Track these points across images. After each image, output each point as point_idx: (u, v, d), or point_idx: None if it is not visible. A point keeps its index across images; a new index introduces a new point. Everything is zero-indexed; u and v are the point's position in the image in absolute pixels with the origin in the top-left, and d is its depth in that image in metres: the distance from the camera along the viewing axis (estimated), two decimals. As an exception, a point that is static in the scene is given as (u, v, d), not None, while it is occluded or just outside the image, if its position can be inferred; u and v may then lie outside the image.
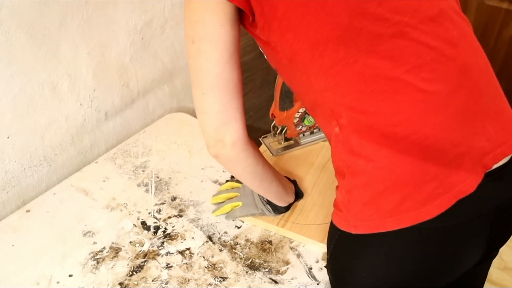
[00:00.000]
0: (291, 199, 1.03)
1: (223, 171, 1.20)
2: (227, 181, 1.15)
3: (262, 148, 1.25)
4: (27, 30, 1.01)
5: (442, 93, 0.69)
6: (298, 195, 1.06)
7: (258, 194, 1.02)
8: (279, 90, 1.11)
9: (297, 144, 1.24)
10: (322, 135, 1.23)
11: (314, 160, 1.19)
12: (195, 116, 1.43)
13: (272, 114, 1.15)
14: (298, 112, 1.16)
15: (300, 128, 1.20)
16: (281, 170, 1.13)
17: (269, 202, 1.01)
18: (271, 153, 1.22)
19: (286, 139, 1.23)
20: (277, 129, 1.21)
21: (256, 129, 1.79)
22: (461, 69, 0.70)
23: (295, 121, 1.17)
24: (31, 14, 1.01)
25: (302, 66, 0.72)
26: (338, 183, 0.78)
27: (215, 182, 1.17)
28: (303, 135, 1.23)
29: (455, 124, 0.69)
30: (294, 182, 1.07)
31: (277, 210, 1.02)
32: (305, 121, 1.19)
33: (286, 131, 1.20)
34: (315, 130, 1.23)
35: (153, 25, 1.30)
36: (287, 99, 1.13)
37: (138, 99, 1.37)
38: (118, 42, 1.23)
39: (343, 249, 0.79)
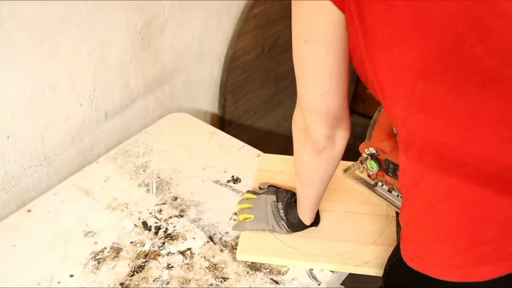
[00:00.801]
0: (311, 221, 1.00)
1: (224, 171, 1.20)
2: (229, 181, 1.15)
3: (348, 163, 1.16)
4: (27, 30, 1.01)
5: None
6: (316, 220, 1.01)
7: (273, 210, 0.99)
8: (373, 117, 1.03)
9: (370, 187, 1.10)
10: (396, 201, 1.06)
11: (335, 189, 1.07)
12: (195, 116, 1.43)
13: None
14: (368, 149, 1.03)
15: (364, 167, 1.07)
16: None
17: (286, 219, 0.98)
18: (345, 169, 1.15)
19: (369, 176, 1.09)
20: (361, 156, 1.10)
21: (256, 129, 1.79)
22: None
23: (364, 155, 1.05)
24: (31, 14, 1.01)
25: (378, 85, 0.70)
26: (401, 211, 0.77)
27: (216, 182, 1.17)
28: (382, 185, 1.09)
29: None
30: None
31: (293, 227, 0.98)
32: (367, 163, 1.04)
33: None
34: (394, 192, 1.07)
35: (153, 25, 1.30)
36: (369, 131, 1.04)
37: (138, 99, 1.36)
38: (118, 42, 1.23)
39: (400, 270, 0.78)
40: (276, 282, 0.93)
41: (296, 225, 0.98)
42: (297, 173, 0.90)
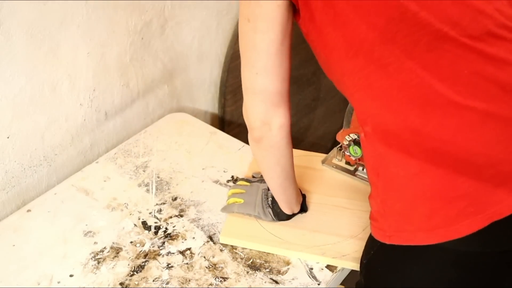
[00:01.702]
0: (296, 210, 1.02)
1: (224, 171, 1.20)
2: (230, 181, 1.15)
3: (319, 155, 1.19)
4: (27, 30, 1.01)
5: (479, 108, 0.66)
6: (303, 208, 1.04)
7: (262, 197, 1.01)
8: (348, 106, 1.06)
9: (352, 173, 1.14)
10: None
11: (326, 183, 1.12)
12: (195, 116, 1.43)
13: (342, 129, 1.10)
14: (349, 136, 1.07)
15: (347, 153, 1.10)
16: (305, 181, 1.11)
17: (272, 207, 1.00)
18: (323, 160, 1.17)
19: (347, 162, 1.14)
20: (338, 144, 1.14)
21: (256, 129, 1.79)
22: (504, 86, 0.66)
23: (344, 143, 1.09)
24: (31, 14, 1.01)
25: (337, 63, 0.72)
26: (371, 192, 0.78)
27: (216, 182, 1.17)
28: (363, 169, 1.12)
29: (494, 142, 0.66)
30: (303, 196, 1.06)
31: (278, 216, 1.01)
32: (351, 149, 1.08)
33: (343, 151, 1.12)
34: None
35: (153, 25, 1.30)
36: (347, 118, 1.07)
37: (138, 99, 1.36)
38: (118, 42, 1.23)
39: (382, 261, 0.79)
40: (276, 282, 0.93)
41: (280, 214, 1.01)
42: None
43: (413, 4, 0.65)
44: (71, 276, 0.95)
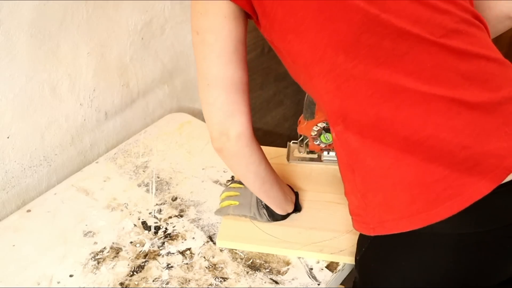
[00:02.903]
0: (290, 209, 1.02)
1: (224, 171, 1.19)
2: (230, 181, 1.15)
3: (281, 152, 1.22)
4: (27, 30, 1.01)
5: (444, 96, 0.69)
6: (297, 207, 1.04)
7: (257, 199, 1.01)
8: (306, 97, 1.08)
9: (319, 159, 1.18)
10: None
11: (317, 179, 1.13)
12: (195, 116, 1.43)
13: (300, 120, 1.12)
14: (317, 126, 1.09)
15: (318, 143, 1.13)
16: (288, 179, 1.12)
17: (267, 208, 1.00)
18: (287, 158, 1.19)
19: (310, 152, 1.17)
20: (300, 137, 1.16)
21: (256, 129, 1.78)
22: (465, 74, 0.70)
23: (313, 134, 1.11)
24: (31, 14, 1.01)
25: (304, 67, 0.73)
26: (347, 188, 0.78)
27: (216, 182, 1.17)
28: (328, 153, 1.16)
29: (461, 126, 0.69)
30: (296, 194, 1.06)
31: (273, 217, 1.01)
32: (322, 137, 1.10)
33: (307, 142, 1.15)
34: None
35: (153, 25, 1.30)
36: (309, 109, 1.08)
37: (138, 99, 1.37)
38: (118, 42, 1.23)
39: (373, 256, 0.79)
40: (276, 282, 0.93)
41: (275, 214, 1.01)
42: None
43: (372, 7, 0.67)
44: (71, 276, 0.95)
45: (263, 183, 0.92)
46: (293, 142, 1.22)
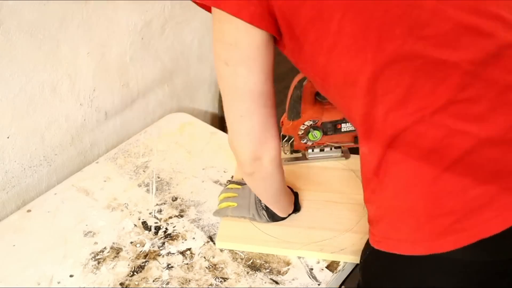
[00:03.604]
0: (291, 211, 1.02)
1: (224, 171, 1.19)
2: (228, 181, 1.15)
3: None
4: (27, 30, 1.01)
5: (472, 133, 0.65)
6: (296, 207, 1.04)
7: (255, 199, 1.01)
8: (289, 98, 1.08)
9: (304, 158, 1.18)
10: (332, 154, 1.17)
11: (316, 179, 1.13)
12: (195, 116, 1.43)
13: (282, 121, 1.12)
14: (304, 124, 1.10)
15: (305, 141, 1.13)
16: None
17: (266, 209, 1.00)
18: None
19: (294, 151, 1.17)
20: (284, 137, 1.15)
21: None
22: (502, 90, 0.65)
23: (300, 133, 1.12)
24: (31, 14, 1.01)
25: (334, 87, 0.71)
26: (367, 197, 0.78)
27: (216, 182, 1.17)
28: (312, 150, 1.17)
29: (480, 161, 0.66)
30: (295, 194, 1.06)
31: (273, 217, 1.01)
32: (310, 135, 1.11)
33: (292, 142, 1.15)
34: (326, 149, 1.17)
35: (153, 25, 1.30)
36: (295, 109, 1.08)
37: (138, 99, 1.36)
38: (118, 42, 1.23)
39: (375, 263, 0.79)
40: (276, 282, 0.93)
41: (276, 216, 1.01)
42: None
43: (409, 35, 0.63)
44: (71, 276, 0.95)
45: (279, 195, 0.93)
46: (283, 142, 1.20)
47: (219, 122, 1.66)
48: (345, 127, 1.11)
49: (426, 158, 0.68)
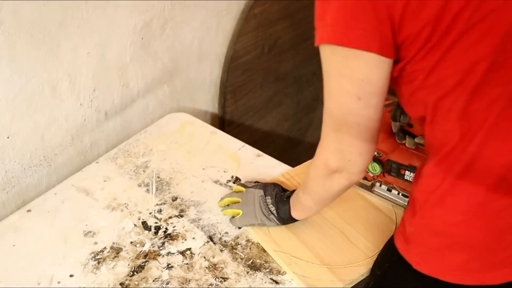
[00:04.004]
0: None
1: (224, 171, 1.20)
2: (229, 181, 1.15)
3: None
4: (27, 30, 1.01)
5: None
6: None
7: (261, 205, 1.00)
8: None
9: (369, 188, 1.10)
10: (397, 199, 1.06)
11: (355, 205, 1.07)
12: (195, 116, 1.43)
13: None
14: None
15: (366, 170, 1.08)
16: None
17: (276, 213, 0.98)
18: None
19: (365, 178, 1.10)
20: None
21: (256, 129, 1.79)
22: None
23: None
24: (31, 14, 1.01)
25: (432, 85, 0.68)
26: (410, 210, 0.77)
27: (216, 182, 1.17)
28: (380, 185, 1.08)
29: None
30: None
31: (284, 221, 0.99)
32: (370, 166, 1.04)
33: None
34: (394, 191, 1.06)
35: (153, 25, 1.30)
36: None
37: (138, 99, 1.37)
38: (118, 42, 1.23)
39: (397, 275, 0.78)
40: (276, 282, 0.93)
41: (287, 220, 0.99)
42: (311, 194, 0.89)
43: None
44: (71, 276, 0.95)
45: (321, 204, 0.92)
46: None
47: (219, 122, 1.66)
48: (408, 175, 1.01)
49: (494, 189, 0.66)
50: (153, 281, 0.94)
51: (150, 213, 1.08)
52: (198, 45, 1.47)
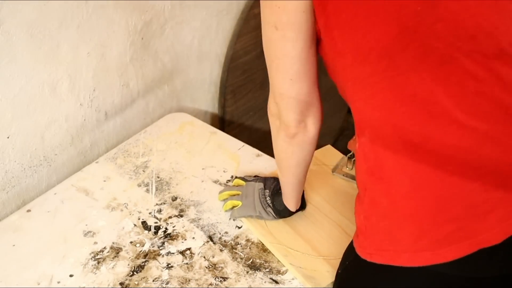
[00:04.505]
0: (299, 206, 1.02)
1: (224, 171, 1.20)
2: (229, 181, 1.15)
3: (332, 161, 1.19)
4: (27, 30, 1.01)
5: (480, 130, 0.64)
6: (302, 205, 1.04)
7: (260, 197, 1.01)
8: None
9: None
10: None
11: (351, 198, 1.08)
12: (195, 116, 1.43)
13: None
14: None
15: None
16: (326, 191, 1.12)
17: (273, 205, 1.00)
18: (333, 169, 1.17)
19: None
20: (349, 152, 1.13)
21: (256, 129, 1.79)
22: (508, 110, 0.64)
23: None
24: (31, 14, 1.01)
25: (342, 69, 0.71)
26: (356, 207, 0.77)
27: (216, 182, 1.17)
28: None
29: (490, 167, 0.65)
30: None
31: (280, 214, 1.01)
32: None
33: (354, 159, 1.11)
34: None
35: (153, 25, 1.30)
36: None
37: (138, 99, 1.37)
38: (118, 42, 1.23)
39: (357, 272, 0.78)
40: (276, 282, 0.93)
41: (282, 212, 1.01)
42: (276, 160, 0.92)
43: (430, 14, 0.62)
44: (71, 276, 0.95)
45: (304, 176, 0.93)
46: (349, 155, 1.18)
47: (219, 122, 1.66)
48: None
49: (434, 161, 0.66)
50: (153, 281, 0.94)
51: (150, 213, 1.08)
52: (198, 45, 1.47)
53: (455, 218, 0.66)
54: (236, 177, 1.13)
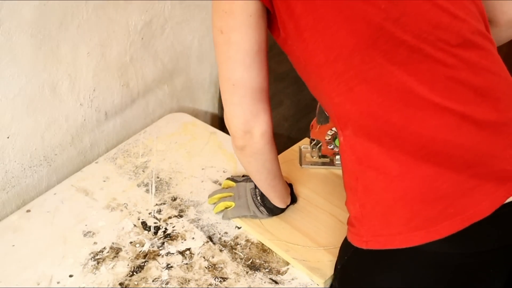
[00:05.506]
0: (288, 201, 1.03)
1: (223, 171, 1.20)
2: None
3: (294, 155, 1.21)
4: (27, 30, 1.01)
5: (456, 111, 0.68)
6: (293, 199, 1.05)
7: (252, 196, 1.02)
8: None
9: (331, 163, 1.16)
10: None
11: (335, 185, 1.12)
12: (195, 116, 1.43)
13: (312, 125, 1.10)
14: (332, 130, 1.09)
15: (332, 147, 1.12)
16: (302, 184, 1.12)
17: (264, 204, 1.01)
18: (300, 163, 1.18)
19: (323, 156, 1.15)
20: (313, 141, 1.15)
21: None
22: (477, 90, 0.69)
23: (327, 138, 1.11)
24: (31, 14, 1.01)
25: (316, 68, 0.72)
26: (348, 197, 0.78)
27: (216, 182, 1.17)
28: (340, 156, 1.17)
29: (469, 144, 0.68)
30: (290, 186, 1.06)
31: (273, 212, 1.02)
32: (336, 141, 1.09)
33: (320, 146, 1.14)
34: None
35: (153, 25, 1.30)
36: (324, 114, 1.07)
37: (138, 99, 1.37)
38: (118, 42, 1.23)
39: (356, 266, 0.79)
40: (276, 282, 0.93)
41: (274, 209, 1.02)
42: None
43: (394, 9, 0.66)
44: (70, 276, 0.95)
45: (273, 178, 0.93)
46: (303, 147, 1.21)
47: (219, 122, 1.66)
48: None
49: (417, 144, 0.69)
50: (153, 281, 0.94)
51: (149, 213, 1.08)
52: (198, 45, 1.47)
53: (443, 196, 0.68)
54: (226, 178, 1.13)
